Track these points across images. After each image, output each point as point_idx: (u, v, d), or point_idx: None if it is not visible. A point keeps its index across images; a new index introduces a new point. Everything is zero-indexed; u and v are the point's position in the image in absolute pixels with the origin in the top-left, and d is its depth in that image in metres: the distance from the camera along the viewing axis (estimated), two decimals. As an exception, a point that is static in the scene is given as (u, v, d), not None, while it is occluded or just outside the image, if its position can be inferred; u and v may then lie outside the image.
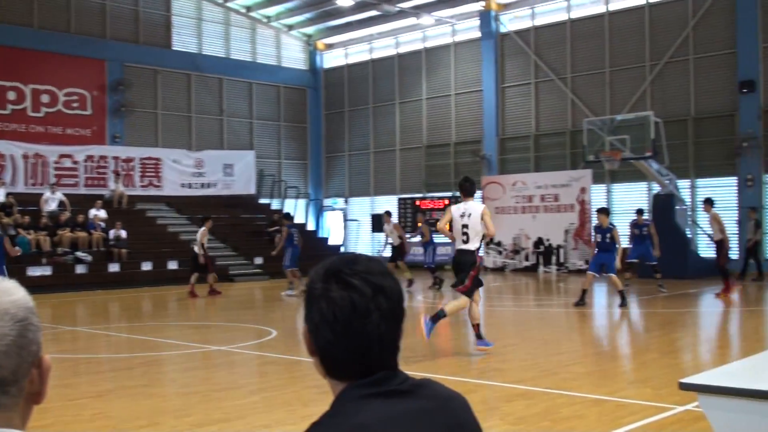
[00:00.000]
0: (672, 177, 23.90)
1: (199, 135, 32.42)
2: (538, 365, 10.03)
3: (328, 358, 1.76)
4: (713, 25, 25.13)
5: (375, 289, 1.74)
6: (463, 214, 10.65)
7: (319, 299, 1.74)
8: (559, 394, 8.01)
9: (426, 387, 1.79)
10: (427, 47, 32.61)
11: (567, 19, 28.44)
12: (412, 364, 9.71)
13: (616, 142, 23.49)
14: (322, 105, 36.23)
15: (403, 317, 1.80)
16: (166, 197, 29.71)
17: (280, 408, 7.67)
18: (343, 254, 1.87)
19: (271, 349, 11.63)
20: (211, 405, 7.87)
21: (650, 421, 6.86)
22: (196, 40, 32.66)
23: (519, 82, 29.66)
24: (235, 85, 33.65)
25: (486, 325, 15.38)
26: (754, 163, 23.90)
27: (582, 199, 26.06)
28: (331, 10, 32.85)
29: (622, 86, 26.94)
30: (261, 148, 34.06)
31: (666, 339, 12.22)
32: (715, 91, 25.05)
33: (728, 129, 24.71)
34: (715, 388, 3.87)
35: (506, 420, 7.02)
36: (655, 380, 8.86)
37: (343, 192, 35.60)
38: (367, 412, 1.68)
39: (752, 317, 14.76)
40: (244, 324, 15.05)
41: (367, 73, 34.55)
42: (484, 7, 29.91)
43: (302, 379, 9.13)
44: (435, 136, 32.21)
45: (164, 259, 25.58)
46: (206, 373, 9.91)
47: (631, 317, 15.96)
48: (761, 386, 3.81)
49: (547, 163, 28.71)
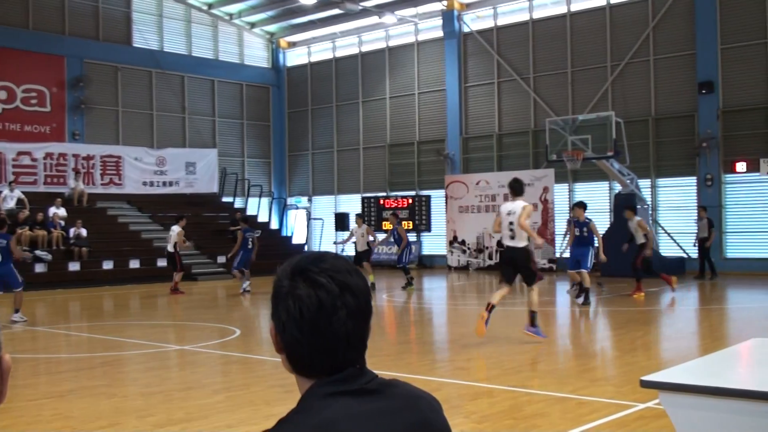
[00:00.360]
0: (633, 176, 24.17)
1: (161, 133, 32.13)
2: (501, 364, 10.10)
3: (294, 355, 1.76)
4: (673, 27, 25.46)
5: (342, 287, 1.75)
6: (509, 212, 11.35)
7: (285, 297, 1.75)
8: (523, 393, 8.06)
9: (394, 386, 1.80)
10: (390, 46, 32.63)
11: (529, 20, 28.62)
12: (379, 363, 9.72)
13: (578, 142, 23.70)
14: (285, 103, 36.10)
15: (370, 315, 1.81)
16: (127, 195, 29.41)
17: (244, 407, 7.63)
18: (310, 252, 1.87)
19: (234, 348, 11.57)
20: (173, 405, 7.81)
21: (612, 419, 6.93)
22: (157, 37, 32.36)
23: (482, 82, 29.80)
24: (197, 82, 33.40)
25: (450, 323, 15.46)
26: (713, 163, 24.26)
27: (545, 199, 26.25)
28: (294, 8, 32.73)
29: (584, 86, 27.18)
30: (224, 146, 33.85)
31: (628, 337, 12.36)
32: (675, 91, 25.38)
33: (688, 129, 25.05)
34: (675, 386, 3.92)
35: (470, 418, 7.05)
36: (617, 378, 8.96)
37: (307, 190, 35.51)
38: (334, 409, 1.69)
39: (711, 315, 14.98)
40: (207, 323, 14.95)
41: (331, 72, 34.49)
42: (447, 6, 30.00)
43: (266, 379, 9.09)
44: (398, 135, 32.25)
45: (125, 257, 25.34)
46: (168, 372, 9.83)
47: (593, 316, 16.11)
48: (720, 383, 3.87)
49: (510, 163, 28.88)
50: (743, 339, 6.24)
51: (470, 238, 28.13)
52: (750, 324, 13.58)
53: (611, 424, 6.78)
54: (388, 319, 15.86)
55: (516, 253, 11.30)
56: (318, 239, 33.87)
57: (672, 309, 16.38)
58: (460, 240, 28.48)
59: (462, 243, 28.46)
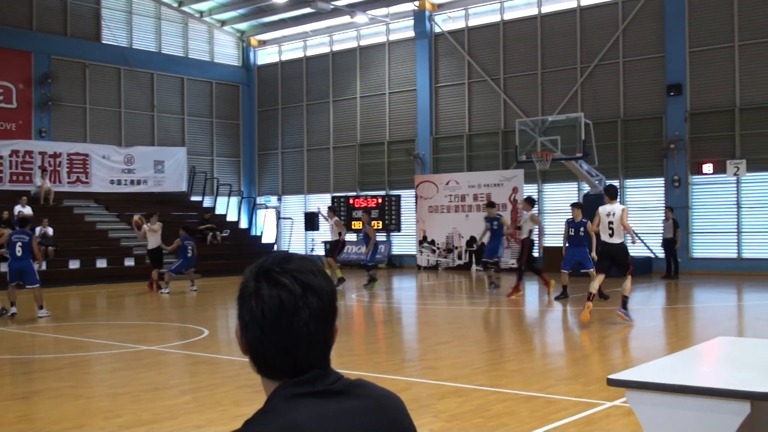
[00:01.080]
0: (601, 177, 24.36)
1: (129, 131, 31.85)
2: (470, 363, 10.12)
3: (257, 355, 1.77)
4: (642, 30, 25.70)
5: (304, 288, 1.75)
6: (608, 213, 13.12)
7: (249, 297, 1.76)
8: (491, 391, 8.09)
9: (360, 386, 1.80)
10: (361, 45, 32.61)
11: (500, 21, 28.74)
12: (348, 363, 9.70)
13: (548, 143, 23.85)
14: (256, 102, 35.95)
15: (335, 316, 1.81)
16: (95, 194, 29.11)
17: (212, 408, 7.58)
18: (277, 253, 1.87)
19: (202, 348, 11.49)
20: (140, 406, 7.74)
21: (580, 417, 6.98)
22: (126, 34, 32.07)
23: (452, 83, 29.88)
24: (166, 80, 33.15)
25: (419, 323, 15.48)
26: (680, 164, 24.52)
27: (514, 199, 26.38)
28: (265, 7, 32.61)
29: (554, 88, 27.35)
30: (193, 144, 33.63)
31: (595, 336, 12.45)
32: (644, 93, 25.62)
33: (656, 131, 25.30)
34: (641, 384, 3.95)
35: (439, 417, 7.06)
36: (585, 377, 9.01)
37: (277, 190, 35.39)
38: (300, 410, 1.69)
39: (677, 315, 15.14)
40: (176, 323, 14.85)
41: (301, 71, 34.40)
42: (419, 7, 30.04)
43: (234, 379, 9.04)
44: (369, 135, 32.24)
45: (92, 257, 25.09)
46: (136, 373, 9.74)
47: (561, 315, 16.21)
48: (686, 381, 3.90)
49: (479, 163, 28.98)
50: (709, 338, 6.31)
51: (440, 238, 28.19)
52: (715, 323, 13.74)
53: (579, 422, 6.82)
54: (356, 318, 15.84)
55: (615, 248, 13.14)
56: (287, 239, 33.77)
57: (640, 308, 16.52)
58: (429, 240, 28.54)
59: (431, 243, 28.52)
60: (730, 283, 20.91)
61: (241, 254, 27.75)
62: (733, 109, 23.87)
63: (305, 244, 33.30)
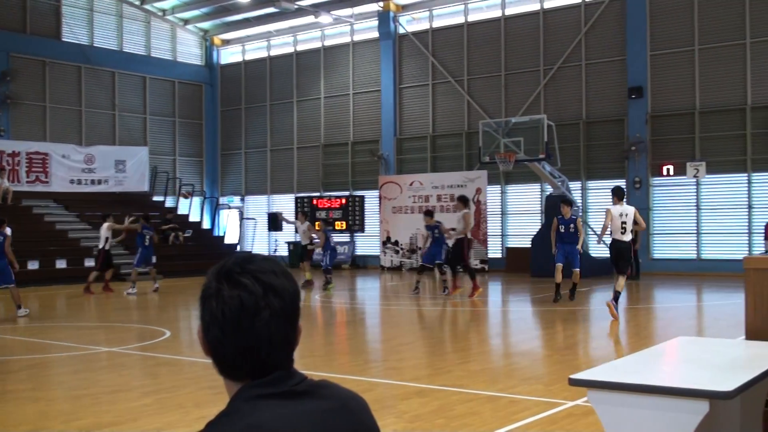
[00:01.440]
0: (564, 179, 24.56)
1: (90, 130, 31.47)
2: (433, 363, 10.15)
3: (219, 356, 1.76)
4: (604, 33, 25.96)
5: (266, 288, 1.74)
6: (621, 214, 13.92)
7: (210, 298, 1.75)
8: (454, 392, 8.11)
9: (324, 387, 1.79)
10: (325, 46, 32.55)
11: (464, 23, 28.87)
12: (311, 364, 9.67)
13: (511, 144, 23.99)
14: (219, 101, 35.72)
15: (297, 317, 1.81)
16: (54, 194, 28.69)
17: (174, 410, 7.52)
18: (240, 253, 1.86)
19: (164, 350, 11.39)
20: (101, 408, 7.65)
21: (542, 417, 7.02)
22: (87, 32, 31.69)
23: (416, 84, 29.94)
24: (128, 79, 32.81)
25: (383, 324, 15.50)
26: (641, 166, 24.81)
27: (477, 200, 26.50)
28: (228, 6, 32.42)
29: (517, 89, 27.53)
30: (155, 144, 33.32)
31: (557, 336, 12.55)
32: (606, 96, 25.89)
33: (618, 133, 25.57)
34: (602, 384, 3.99)
35: (402, 418, 7.07)
36: (547, 377, 9.08)
37: (240, 190, 35.20)
38: (263, 411, 1.68)
39: (638, 315, 15.31)
40: (137, 324, 14.71)
41: (265, 71, 34.26)
42: (383, 7, 30.06)
43: (196, 381, 8.97)
44: (333, 136, 32.19)
45: (52, 257, 24.72)
46: (96, 375, 9.62)
47: (524, 315, 16.32)
48: (646, 381, 3.95)
49: (443, 164, 29.08)
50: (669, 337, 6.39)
51: (403, 238, 28.23)
52: (676, 323, 13.92)
53: (541, 422, 6.86)
54: (320, 319, 15.81)
55: (626, 246, 14.03)
56: (251, 239, 33.60)
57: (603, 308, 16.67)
58: (393, 240, 28.56)
59: (395, 243, 28.54)
60: (689, 284, 21.20)
61: (203, 255, 27.56)
62: (693, 111, 24.21)
63: (268, 245, 33.15)
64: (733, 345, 6.01)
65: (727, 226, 23.91)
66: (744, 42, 23.47)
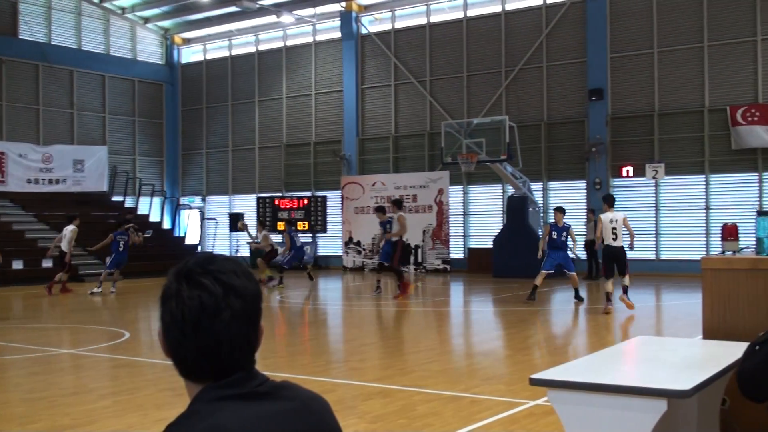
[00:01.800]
0: (525, 180, 24.73)
1: (48, 129, 31.03)
2: (395, 364, 10.15)
3: (179, 358, 1.75)
4: (565, 35, 26.19)
5: (226, 289, 1.73)
6: (611, 220, 14.79)
7: (170, 299, 1.74)
8: (416, 392, 8.12)
9: (285, 388, 1.78)
10: (287, 46, 32.44)
11: (426, 24, 28.94)
12: (272, 365, 9.63)
13: (473, 145, 24.10)
14: (179, 101, 35.42)
15: (258, 317, 1.79)
16: (11, 193, 28.25)
17: (133, 412, 7.43)
18: (201, 254, 1.84)
19: (123, 351, 11.26)
20: (58, 410, 7.53)
21: (503, 416, 7.06)
22: (44, 30, 31.24)
23: (379, 84, 29.95)
24: (87, 77, 32.39)
25: (345, 324, 15.47)
26: (601, 167, 25.06)
27: (440, 200, 26.58)
28: (189, 4, 32.17)
29: (479, 91, 27.66)
30: (114, 143, 32.94)
31: (519, 336, 12.62)
32: (567, 97, 26.11)
33: (578, 134, 25.80)
34: (562, 383, 4.02)
35: (364, 419, 7.06)
36: (508, 377, 9.13)
37: (201, 190, 34.93)
38: (224, 413, 1.67)
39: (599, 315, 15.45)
40: (95, 326, 14.52)
41: (226, 70, 34.04)
42: (345, 8, 30.03)
43: (156, 382, 8.88)
44: (295, 136, 32.09)
45: (8, 258, 24.29)
46: (53, 377, 9.48)
47: (486, 315, 16.41)
48: (605, 380, 3.98)
49: (405, 164, 29.12)
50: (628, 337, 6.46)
51: (366, 239, 28.21)
52: (635, 323, 14.07)
53: (502, 422, 6.90)
54: (282, 320, 15.74)
55: (618, 251, 14.90)
56: (212, 240, 33.35)
57: (563, 308, 16.80)
58: (355, 241, 28.54)
59: (357, 244, 28.52)
60: (648, 284, 21.44)
61: (163, 255, 27.29)
62: (652, 114, 24.51)
63: (230, 245, 32.95)
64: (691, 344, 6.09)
65: (685, 226, 24.24)
66: (702, 45, 23.82)
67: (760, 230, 5.74)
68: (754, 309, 5.45)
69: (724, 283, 5.57)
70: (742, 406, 4.95)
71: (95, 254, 21.74)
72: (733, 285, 5.54)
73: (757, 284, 5.45)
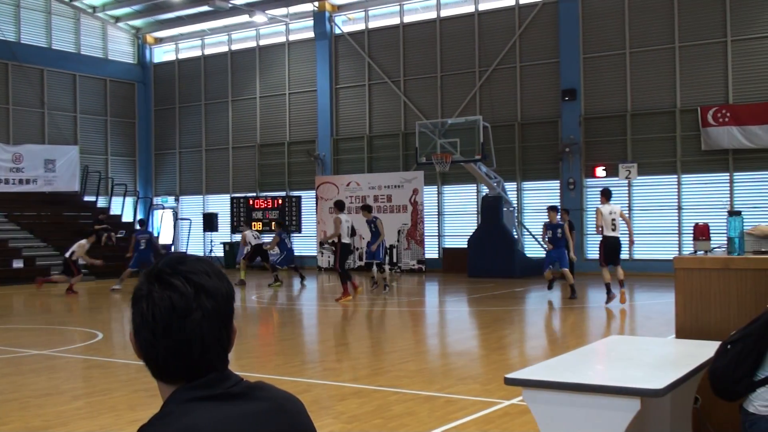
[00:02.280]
0: (499, 180, 24.81)
1: (18, 128, 30.68)
2: (370, 364, 10.15)
3: (150, 359, 1.74)
4: (538, 36, 26.31)
5: (197, 289, 1.72)
6: (610, 212, 15.66)
7: (141, 300, 1.73)
8: (392, 392, 8.12)
9: (259, 389, 1.78)
10: (260, 45, 32.33)
11: (400, 24, 28.96)
12: (247, 366, 9.59)
13: (447, 145, 24.13)
14: (152, 100, 35.18)
15: (231, 318, 1.79)
16: (-19, 193, 27.95)
17: (106, 413, 7.37)
18: (173, 254, 1.83)
19: (96, 352, 11.17)
20: (29, 412, 7.46)
21: (479, 416, 7.08)
22: (13, 28, 30.89)
23: (353, 84, 29.92)
24: (57, 76, 32.07)
25: (320, 324, 15.45)
26: (575, 167, 25.20)
27: (414, 200, 26.60)
28: (161, 4, 31.96)
29: (453, 91, 27.72)
30: (86, 143, 32.65)
31: (494, 336, 12.67)
32: (540, 98, 26.23)
33: (552, 134, 25.93)
34: (536, 383, 4.04)
35: (339, 419, 7.05)
36: (483, 376, 9.16)
37: (174, 190, 34.72)
38: (197, 414, 1.66)
39: (573, 314, 15.55)
40: (68, 327, 14.39)
41: (199, 70, 33.86)
42: (318, 7, 29.97)
43: (130, 383, 8.81)
44: (269, 135, 31.98)
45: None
46: (24, 378, 9.38)
47: (461, 315, 16.45)
48: (579, 379, 4.00)
49: (380, 164, 29.12)
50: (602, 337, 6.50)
51: (340, 239, 28.12)
52: (608, 322, 14.17)
53: (477, 421, 6.92)
54: (256, 320, 15.69)
55: (617, 241, 15.68)
56: (185, 240, 33.16)
57: (538, 308, 16.88)
58: (330, 241, 28.43)
59: (332, 244, 28.40)
60: (620, 283, 21.55)
61: (136, 256, 27.07)
62: (625, 114, 24.69)
63: (204, 246, 32.78)
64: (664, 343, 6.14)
65: (657, 226, 24.44)
66: (673, 46, 24.03)
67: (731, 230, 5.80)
68: (726, 308, 5.50)
69: (696, 283, 5.63)
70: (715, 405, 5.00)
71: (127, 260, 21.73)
72: (705, 284, 5.59)
73: (729, 283, 5.51)
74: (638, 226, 24.71)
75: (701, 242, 6.10)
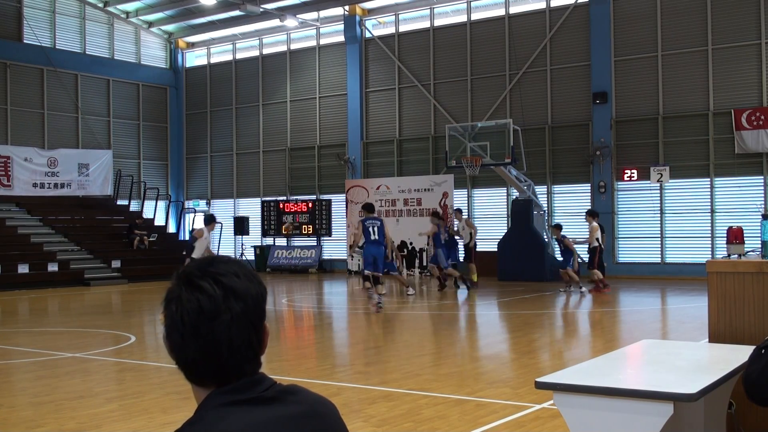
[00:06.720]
0: (530, 183, 24.70)
1: (53, 133, 31.09)
2: (400, 367, 10.14)
3: (181, 361, 1.75)
4: (569, 39, 26.17)
5: (226, 291, 1.72)
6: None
7: (171, 302, 1.74)
8: (422, 395, 8.11)
9: (293, 393, 1.78)
10: (291, 49, 32.47)
11: (430, 27, 28.95)
12: (278, 369, 9.63)
13: (477, 149, 24.08)
14: (184, 104, 35.47)
15: (261, 320, 1.78)
16: (16, 197, 28.32)
17: (139, 416, 7.44)
18: (205, 257, 1.84)
19: (129, 355, 11.28)
20: (64, 414, 7.54)
21: (509, 420, 7.05)
22: (49, 34, 31.30)
23: (383, 87, 29.96)
24: (91, 81, 32.46)
25: (350, 327, 15.48)
26: (606, 171, 25.03)
27: (444, 204, 26.56)
28: (193, 8, 32.23)
29: (483, 94, 27.65)
30: (119, 147, 33.00)
31: (524, 340, 12.61)
32: (571, 101, 26.09)
33: (582, 138, 25.78)
34: (568, 386, 4.02)
35: (370, 422, 7.05)
36: (514, 380, 9.12)
37: (205, 194, 34.97)
38: (230, 419, 1.66)
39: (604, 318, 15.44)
40: (101, 330, 14.54)
41: (230, 74, 34.09)
42: (349, 11, 30.05)
43: (162, 386, 8.88)
44: (299, 139, 32.11)
45: (14, 262, 24.38)
46: (59, 381, 9.49)
47: (491, 319, 16.39)
48: (611, 383, 3.97)
49: (410, 168, 29.12)
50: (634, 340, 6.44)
51: (371, 242, 28.15)
52: (640, 326, 14.05)
53: (508, 425, 6.89)
54: (286, 324, 15.75)
55: None
56: (216, 243, 33.35)
57: (569, 311, 16.78)
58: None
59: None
60: (653, 287, 21.41)
61: (168, 259, 27.31)
62: (657, 117, 24.48)
63: (234, 249, 32.96)
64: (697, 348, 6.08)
65: (690, 230, 24.20)
66: (706, 48, 23.79)
67: (765, 233, 5.73)
68: (760, 312, 5.44)
69: (730, 287, 5.57)
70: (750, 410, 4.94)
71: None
72: (738, 288, 5.53)
73: (763, 288, 5.44)
74: (670, 229, 24.54)
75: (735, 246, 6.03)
